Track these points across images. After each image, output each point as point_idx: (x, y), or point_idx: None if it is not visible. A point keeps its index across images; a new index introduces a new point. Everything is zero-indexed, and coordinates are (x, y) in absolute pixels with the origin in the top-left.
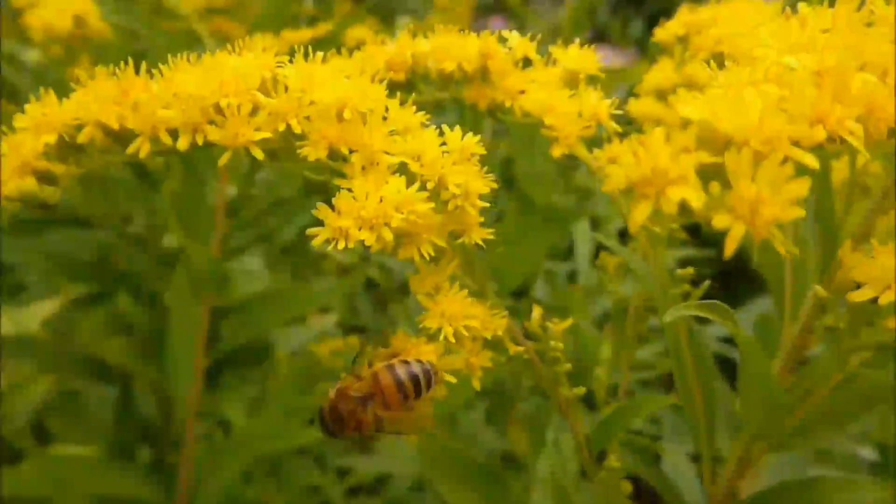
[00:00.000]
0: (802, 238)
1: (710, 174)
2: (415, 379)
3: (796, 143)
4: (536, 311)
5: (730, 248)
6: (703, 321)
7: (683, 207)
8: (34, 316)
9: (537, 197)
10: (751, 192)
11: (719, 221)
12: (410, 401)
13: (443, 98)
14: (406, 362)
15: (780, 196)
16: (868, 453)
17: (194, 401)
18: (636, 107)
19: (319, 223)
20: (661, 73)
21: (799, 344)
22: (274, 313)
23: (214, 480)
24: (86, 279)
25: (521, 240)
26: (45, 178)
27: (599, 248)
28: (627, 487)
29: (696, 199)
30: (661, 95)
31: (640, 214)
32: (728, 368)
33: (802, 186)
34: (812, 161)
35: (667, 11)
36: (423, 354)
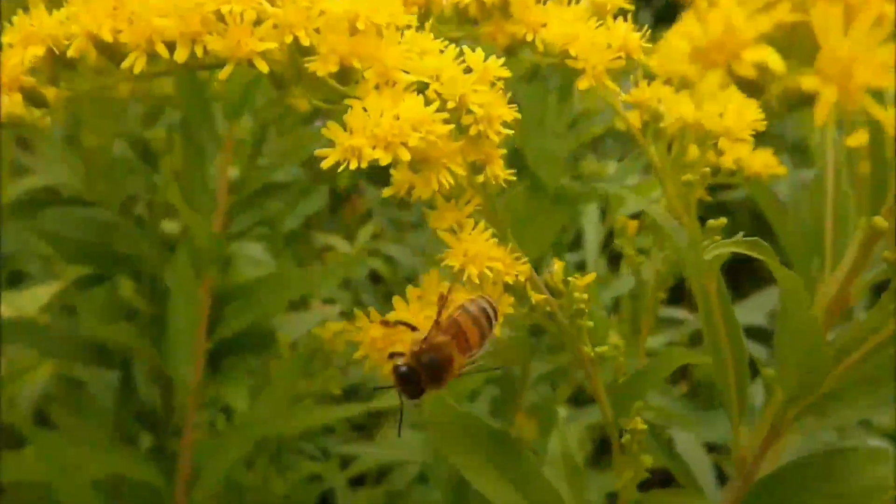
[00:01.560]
0: (843, 192)
1: (781, 44)
2: (487, 315)
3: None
4: (558, 265)
5: (821, 114)
6: None
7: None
8: (33, 300)
9: (547, 179)
10: (843, 49)
11: (808, 83)
12: (486, 339)
13: (457, 37)
14: (473, 300)
15: (874, 58)
16: (879, 444)
17: (195, 384)
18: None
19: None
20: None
21: (842, 294)
22: (276, 297)
23: (215, 465)
24: (85, 261)
25: (531, 222)
26: (34, 99)
27: (609, 236)
28: (648, 461)
29: (777, 61)
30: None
31: (710, 84)
32: None
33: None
34: None
35: (675, 5)
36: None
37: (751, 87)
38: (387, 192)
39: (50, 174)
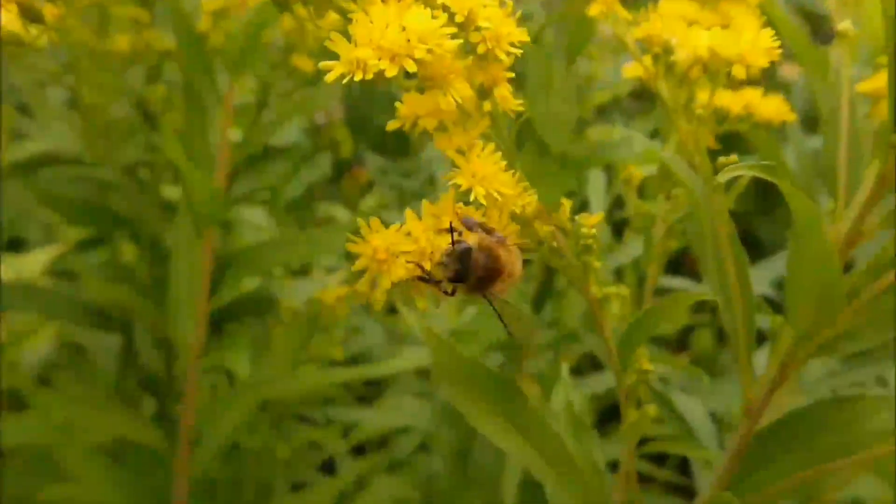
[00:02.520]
0: (857, 128)
1: None
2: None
3: None
4: (566, 204)
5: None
6: None
7: None
8: (34, 263)
9: (553, 142)
10: None
11: None
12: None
13: None
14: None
15: None
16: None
17: (197, 347)
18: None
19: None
20: None
21: (857, 227)
22: (278, 260)
23: (217, 428)
24: (85, 222)
25: (536, 185)
26: (30, 15)
27: (614, 204)
28: (653, 410)
29: None
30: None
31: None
32: None
33: None
34: None
35: None
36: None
37: None
38: (391, 124)
39: (49, 138)
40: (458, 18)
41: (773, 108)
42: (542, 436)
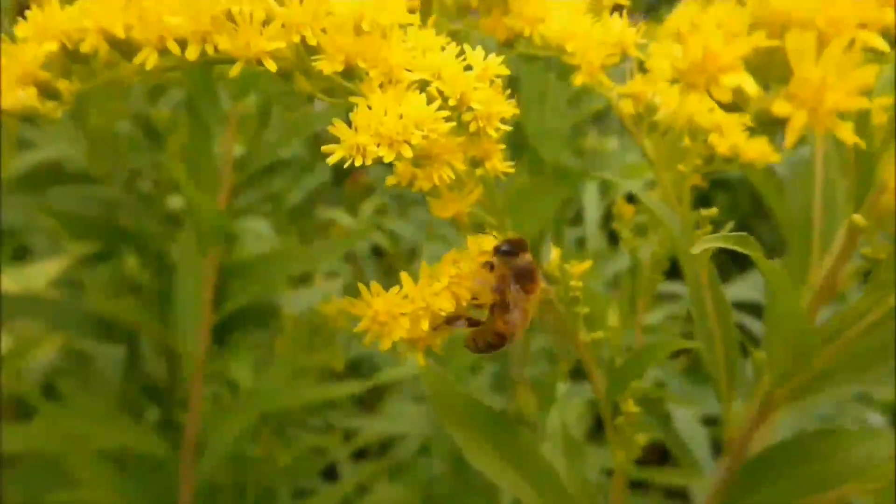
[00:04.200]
0: (831, 179)
1: (759, 67)
2: None
3: (863, 26)
4: (555, 252)
5: (791, 139)
6: None
7: (737, 98)
8: (40, 275)
9: (547, 155)
10: (815, 75)
11: (780, 108)
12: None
13: (458, 30)
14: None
15: (846, 83)
16: (876, 418)
17: (201, 357)
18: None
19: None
20: (685, 13)
21: (828, 285)
22: (280, 272)
23: (221, 437)
24: (91, 237)
25: (530, 198)
26: (46, 91)
27: (608, 212)
28: (642, 439)
29: (753, 86)
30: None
31: (690, 106)
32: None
33: (869, 74)
34: (881, 44)
35: None
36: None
37: (729, 107)
38: (390, 180)
39: (55, 149)
40: (452, 102)
41: (757, 149)
42: (535, 469)
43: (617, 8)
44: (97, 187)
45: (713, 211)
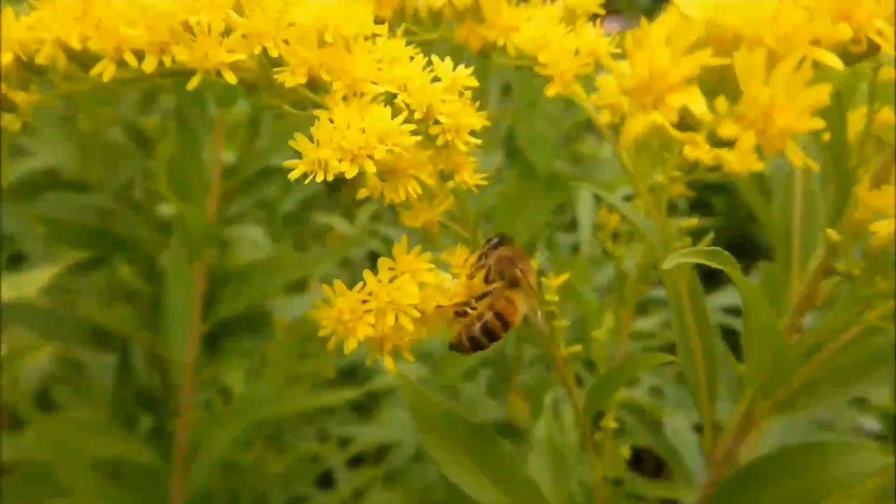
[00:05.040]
0: (811, 190)
1: (713, 84)
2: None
3: (816, 43)
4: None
5: (740, 164)
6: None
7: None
8: (33, 282)
9: (539, 162)
10: (764, 95)
11: (726, 130)
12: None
13: (432, 39)
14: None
15: (796, 102)
16: (871, 424)
17: (191, 366)
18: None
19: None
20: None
21: (807, 297)
22: (273, 280)
23: (212, 446)
24: (83, 245)
25: (523, 205)
26: (4, 104)
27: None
28: (626, 453)
29: (700, 106)
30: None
31: (635, 127)
32: (728, 338)
33: (822, 93)
34: (835, 61)
35: None
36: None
37: (681, 126)
38: (362, 193)
39: (49, 156)
40: (418, 115)
41: (741, 157)
42: (516, 483)
43: (593, 17)
44: (89, 195)
45: (693, 222)
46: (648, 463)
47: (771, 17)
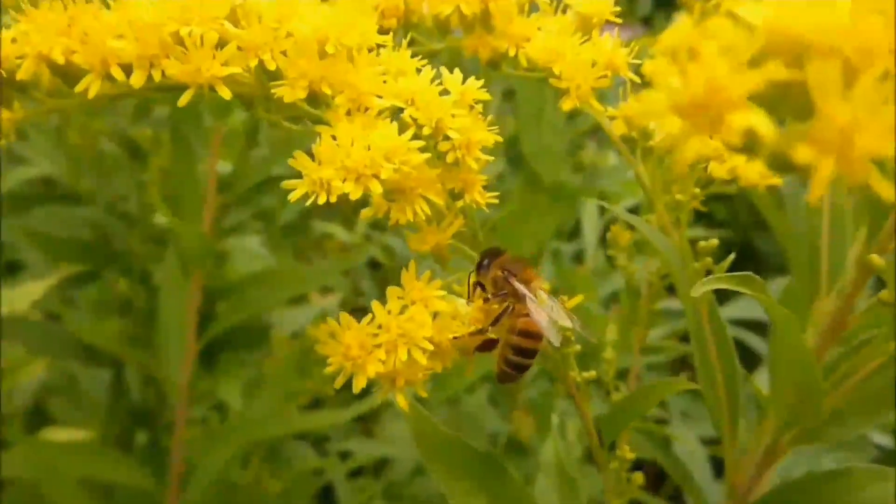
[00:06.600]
0: (840, 207)
1: (772, 101)
2: None
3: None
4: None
5: (817, 192)
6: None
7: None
8: (26, 296)
9: (545, 174)
10: (844, 113)
11: (802, 155)
12: None
13: (438, 50)
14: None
15: (878, 121)
16: (883, 439)
17: (186, 383)
18: (650, 67)
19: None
20: (679, 30)
21: (838, 321)
22: (272, 293)
23: (208, 465)
24: (77, 259)
25: (528, 218)
26: None
27: (607, 228)
28: (639, 478)
29: (768, 127)
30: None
31: (691, 150)
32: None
33: None
34: None
35: None
36: None
37: (737, 149)
38: (365, 213)
39: (44, 165)
40: (427, 130)
41: (758, 171)
42: None
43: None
44: (83, 208)
45: (713, 242)
46: (648, 475)
47: (848, 24)
